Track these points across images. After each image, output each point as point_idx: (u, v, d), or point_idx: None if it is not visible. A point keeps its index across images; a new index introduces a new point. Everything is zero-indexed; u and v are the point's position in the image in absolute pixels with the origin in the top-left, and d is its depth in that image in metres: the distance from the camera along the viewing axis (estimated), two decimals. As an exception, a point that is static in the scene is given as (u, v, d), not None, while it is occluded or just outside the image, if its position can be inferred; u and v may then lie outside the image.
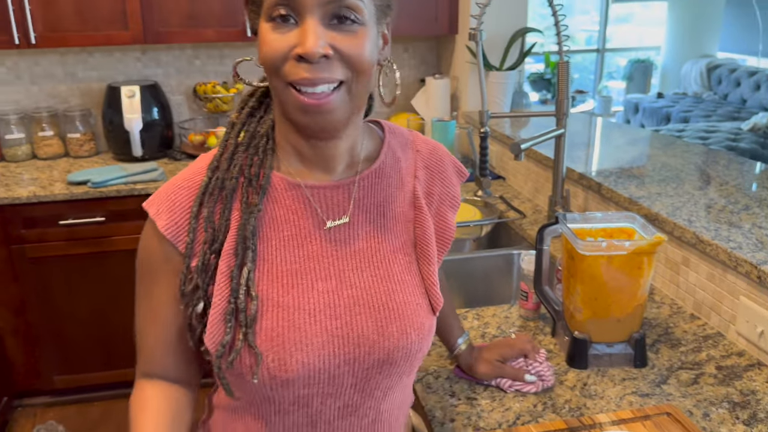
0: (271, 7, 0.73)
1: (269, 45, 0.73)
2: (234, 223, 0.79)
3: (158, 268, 0.81)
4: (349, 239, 0.83)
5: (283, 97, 0.76)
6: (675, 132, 5.32)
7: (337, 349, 0.79)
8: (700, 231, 1.36)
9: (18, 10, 2.43)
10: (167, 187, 0.81)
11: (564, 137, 1.75)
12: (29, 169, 2.67)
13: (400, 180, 0.89)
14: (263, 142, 0.82)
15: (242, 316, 0.76)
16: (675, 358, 1.23)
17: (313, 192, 0.82)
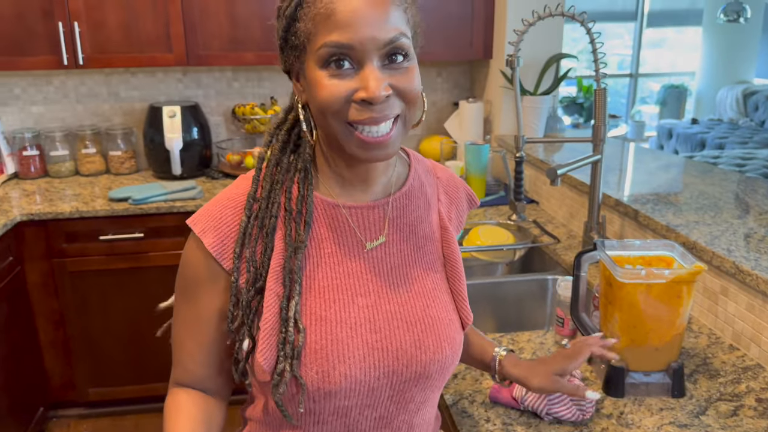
0: (327, 56, 0.75)
1: (328, 90, 0.75)
2: (278, 254, 0.81)
3: (202, 284, 0.83)
4: (386, 257, 0.87)
5: (343, 137, 0.78)
6: (710, 159, 5.25)
7: (377, 362, 0.82)
8: (740, 260, 1.35)
9: (68, 33, 2.53)
10: (212, 206, 0.83)
11: (601, 163, 1.75)
12: (72, 185, 2.75)
13: (427, 202, 0.94)
14: (302, 175, 0.84)
15: (289, 348, 0.78)
16: (714, 389, 1.22)
17: (351, 212, 0.86)
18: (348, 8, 0.73)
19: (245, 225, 0.80)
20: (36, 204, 2.47)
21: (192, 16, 2.60)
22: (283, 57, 0.82)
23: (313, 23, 0.75)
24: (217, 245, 0.81)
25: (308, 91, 0.79)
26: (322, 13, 0.74)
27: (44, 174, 2.89)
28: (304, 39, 0.77)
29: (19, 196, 2.60)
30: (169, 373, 0.95)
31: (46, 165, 2.88)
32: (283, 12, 0.79)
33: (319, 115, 0.79)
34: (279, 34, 0.81)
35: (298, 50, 0.79)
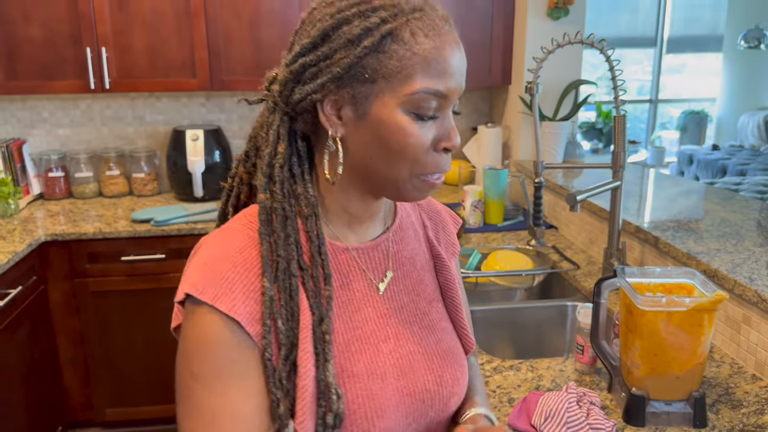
0: (420, 102, 0.70)
1: (416, 138, 0.71)
2: (305, 317, 0.72)
3: (235, 361, 0.69)
4: (395, 295, 0.84)
5: (403, 180, 0.74)
6: (731, 185, 5.20)
7: (407, 408, 0.79)
8: (762, 289, 1.34)
9: (96, 58, 2.60)
10: (217, 265, 0.70)
11: (620, 189, 1.75)
12: (95, 206, 2.80)
13: (416, 231, 0.91)
14: (311, 222, 0.75)
15: (330, 418, 0.70)
16: (736, 420, 1.20)
17: (359, 253, 0.81)
18: (451, 56, 0.71)
19: (270, 293, 0.69)
20: (60, 224, 2.52)
21: (216, 41, 2.66)
22: (315, 83, 0.71)
23: (408, 62, 0.69)
24: (240, 310, 0.68)
25: (374, 132, 0.71)
26: (425, 56, 0.69)
27: (69, 195, 2.95)
28: (385, 75, 0.69)
29: (43, 216, 2.64)
30: None
31: (71, 186, 2.93)
32: (356, 38, 0.69)
33: (384, 158, 0.72)
34: (332, 58, 0.70)
35: (361, 83, 0.70)
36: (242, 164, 0.82)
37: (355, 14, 0.70)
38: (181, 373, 0.70)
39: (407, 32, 0.69)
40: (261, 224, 0.72)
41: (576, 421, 1.13)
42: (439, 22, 0.71)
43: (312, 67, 0.71)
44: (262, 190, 0.74)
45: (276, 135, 0.75)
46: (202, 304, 0.69)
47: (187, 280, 0.71)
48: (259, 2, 2.66)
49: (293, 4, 2.68)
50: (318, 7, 0.74)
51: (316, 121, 0.74)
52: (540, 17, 2.72)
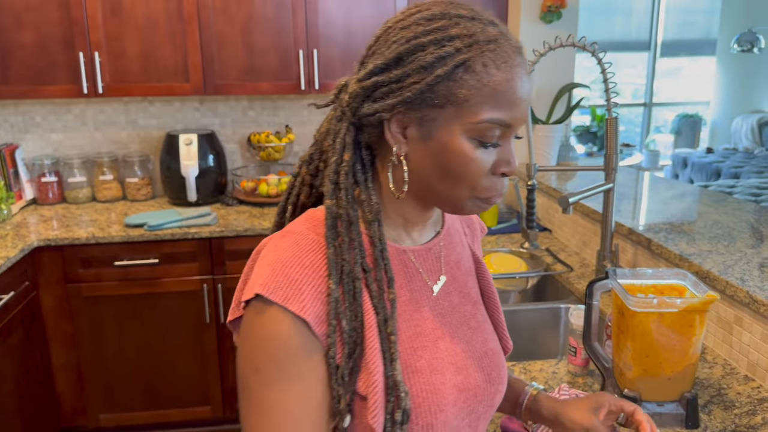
0: (486, 131, 0.72)
1: (477, 164, 0.73)
2: (369, 317, 0.75)
3: (300, 359, 0.71)
4: (447, 296, 0.87)
5: (462, 199, 0.76)
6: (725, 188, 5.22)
7: (463, 403, 0.81)
8: (754, 290, 1.34)
9: (89, 62, 2.59)
10: (285, 269, 0.72)
11: (613, 192, 1.75)
12: (89, 211, 2.79)
13: (460, 237, 0.94)
14: (375, 227, 0.78)
15: (399, 414, 0.73)
16: (728, 421, 1.20)
17: (415, 255, 0.84)
18: (520, 89, 0.72)
19: (335, 294, 0.72)
20: (53, 230, 2.51)
21: (210, 46, 2.66)
22: (384, 102, 0.74)
23: (478, 93, 0.71)
24: (309, 311, 0.71)
25: (436, 154, 0.74)
26: (494, 87, 0.71)
27: (62, 200, 2.94)
28: (453, 102, 0.71)
29: (36, 221, 2.63)
30: (181, 399, 0.89)
31: (64, 191, 2.93)
32: (429, 65, 0.71)
33: (445, 179, 0.75)
34: (404, 81, 0.72)
35: (429, 107, 0.72)
36: (305, 165, 0.85)
37: (431, 41, 0.72)
38: (243, 369, 0.73)
39: (480, 64, 0.71)
40: (327, 229, 0.75)
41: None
42: (512, 54, 0.73)
43: (383, 87, 0.74)
44: (329, 197, 0.77)
45: (342, 144, 0.78)
46: (272, 305, 0.71)
47: (257, 280, 0.72)
48: (252, 8, 2.67)
49: (286, 10, 2.68)
50: (393, 27, 0.76)
51: (381, 135, 0.77)
52: (533, 21, 2.73)
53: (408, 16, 0.75)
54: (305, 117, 3.14)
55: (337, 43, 2.75)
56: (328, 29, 2.73)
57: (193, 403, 2.67)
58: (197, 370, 2.65)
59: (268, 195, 2.86)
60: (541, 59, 1.71)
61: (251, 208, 2.84)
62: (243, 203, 2.90)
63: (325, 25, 2.72)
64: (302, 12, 2.70)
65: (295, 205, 0.86)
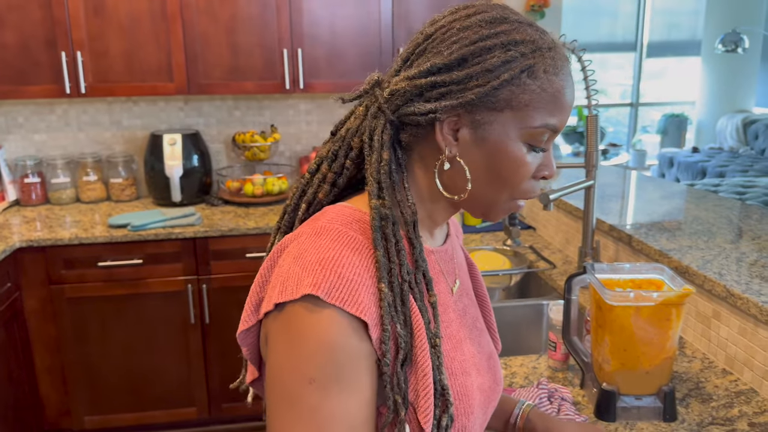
0: (540, 136, 0.74)
1: (527, 168, 0.75)
2: (416, 321, 0.72)
3: (357, 363, 0.67)
4: (460, 298, 0.87)
5: (498, 201, 0.77)
6: (711, 187, 5.26)
7: (483, 404, 0.81)
8: (731, 284, 1.35)
9: (71, 62, 2.58)
10: (339, 269, 0.68)
11: (593, 189, 1.76)
12: (72, 212, 2.77)
13: (458, 239, 0.95)
14: (411, 229, 0.75)
15: (445, 419, 0.72)
16: (706, 413, 1.21)
17: (439, 257, 0.83)
18: (572, 96, 0.75)
19: (389, 298, 0.69)
20: (36, 231, 2.49)
21: (193, 45, 2.65)
22: (441, 102, 0.72)
23: (538, 98, 0.72)
24: (367, 313, 0.67)
25: (489, 157, 0.74)
26: (553, 93, 0.72)
27: (45, 201, 2.92)
28: (513, 106, 0.72)
29: (19, 222, 2.62)
30: (166, 400, 0.85)
31: (47, 192, 2.91)
32: (495, 68, 0.71)
33: (492, 182, 0.75)
34: (466, 84, 0.71)
35: (488, 110, 0.72)
36: (327, 162, 0.80)
37: (497, 45, 0.71)
38: (290, 377, 0.66)
39: (542, 70, 0.72)
40: (375, 230, 0.72)
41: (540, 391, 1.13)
42: (565, 62, 0.74)
43: (442, 87, 0.72)
44: (374, 196, 0.73)
45: (380, 141, 0.75)
46: (327, 306, 0.66)
47: (303, 280, 0.67)
48: (236, 7, 2.66)
49: (270, 9, 2.68)
50: (450, 27, 0.74)
51: (426, 136, 0.75)
52: (516, 20, 2.74)
53: (466, 17, 0.74)
54: (290, 116, 3.13)
55: (322, 43, 2.75)
56: (313, 29, 2.73)
57: (179, 405, 2.66)
58: (182, 371, 2.63)
59: (254, 195, 2.86)
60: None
61: (236, 208, 2.83)
62: (228, 203, 2.89)
63: (310, 24, 2.72)
64: (286, 11, 2.69)
65: (310, 203, 0.81)
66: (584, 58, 1.72)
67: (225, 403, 2.70)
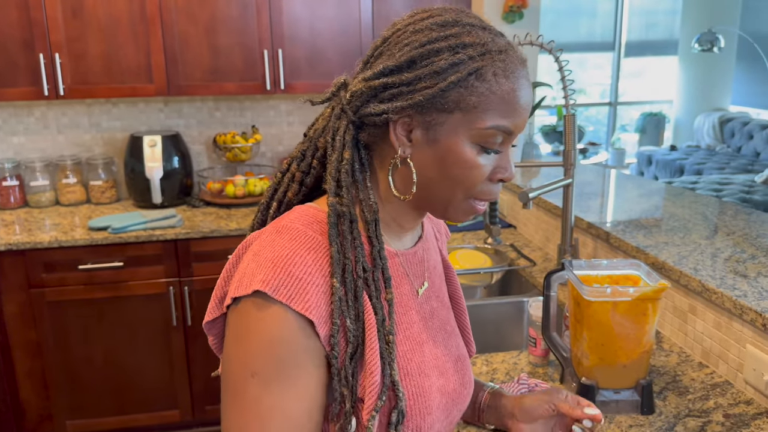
0: (490, 137, 0.74)
1: (480, 170, 0.75)
2: (368, 317, 0.74)
3: (301, 360, 0.69)
4: (428, 301, 0.88)
5: (455, 204, 0.78)
6: (688, 184, 5.34)
7: (444, 406, 0.82)
8: (706, 279, 1.38)
9: (49, 64, 2.56)
10: (288, 267, 0.70)
11: (572, 187, 1.78)
12: (52, 215, 2.75)
13: (433, 242, 0.96)
14: (372, 228, 0.77)
15: (395, 415, 0.74)
16: (682, 406, 1.23)
17: (404, 259, 0.84)
18: (525, 98, 0.75)
19: (339, 293, 0.71)
20: (15, 234, 2.47)
21: (173, 46, 2.64)
22: (393, 104, 0.73)
23: (486, 100, 0.72)
24: (313, 311, 0.69)
25: (440, 158, 0.75)
26: (502, 96, 0.73)
27: (24, 204, 2.89)
28: (462, 108, 0.72)
29: (-3, 226, 2.59)
30: (149, 403, 0.87)
31: (26, 195, 2.88)
32: (443, 70, 0.71)
33: (445, 182, 0.76)
34: (415, 85, 0.73)
35: (438, 112, 0.73)
36: (296, 162, 0.83)
37: (446, 48, 0.72)
38: (235, 370, 0.70)
39: (491, 72, 0.72)
40: (330, 226, 0.74)
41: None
42: (518, 65, 0.75)
43: (393, 89, 0.74)
44: (332, 194, 0.76)
45: (342, 141, 0.77)
46: (274, 303, 0.68)
47: (254, 275, 0.69)
48: (215, 8, 2.65)
49: (250, 10, 2.68)
50: (405, 30, 0.76)
51: (383, 136, 0.77)
52: (495, 21, 2.76)
53: (420, 20, 0.76)
54: (271, 117, 3.13)
55: (303, 43, 2.76)
56: (293, 29, 2.73)
57: (162, 407, 2.64)
58: (165, 373, 2.62)
59: (235, 196, 2.85)
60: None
61: (218, 210, 2.82)
62: (210, 205, 2.88)
63: (290, 24, 2.73)
64: (266, 12, 2.69)
65: (281, 201, 0.84)
66: (563, 58, 1.74)
67: (208, 405, 2.69)
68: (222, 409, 0.72)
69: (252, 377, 0.68)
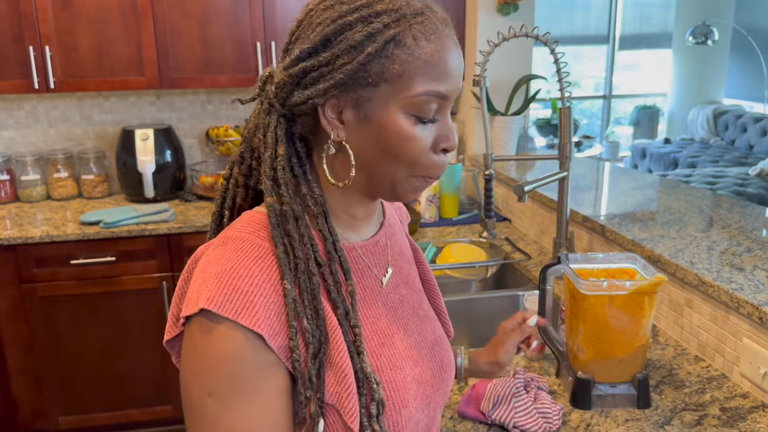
0: (422, 105, 0.70)
1: (418, 142, 0.72)
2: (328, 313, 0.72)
3: (255, 375, 0.67)
4: (396, 289, 0.85)
5: (402, 181, 0.74)
6: (682, 177, 5.34)
7: (422, 395, 0.80)
8: (702, 273, 1.38)
9: (39, 57, 2.53)
10: (234, 280, 0.67)
11: (567, 180, 1.77)
12: (43, 210, 2.72)
13: (399, 226, 0.94)
14: (322, 221, 0.75)
15: (374, 407, 0.72)
16: (679, 400, 1.23)
17: (364, 250, 0.82)
18: (451, 59, 0.71)
19: (293, 294, 0.68)
20: (6, 229, 2.44)
21: (164, 39, 2.62)
22: (316, 87, 0.71)
23: (410, 66, 0.69)
24: (263, 324, 0.66)
25: (375, 135, 0.72)
26: (426, 59, 0.69)
27: (15, 199, 2.86)
28: (387, 79, 0.69)
29: (-12, 221, 2.56)
30: (142, 399, 0.85)
31: (17, 190, 2.85)
32: (358, 43, 0.69)
33: (385, 161, 0.73)
34: (334, 63, 0.70)
35: (363, 87, 0.70)
36: (237, 166, 0.80)
37: (358, 19, 0.69)
38: (192, 390, 0.68)
39: (410, 37, 0.69)
40: (273, 228, 0.71)
41: (523, 406, 1.15)
42: (439, 25, 0.71)
43: (313, 72, 0.71)
44: (269, 194, 0.73)
45: (274, 137, 0.74)
46: (221, 320, 0.65)
47: (200, 293, 0.67)
48: (207, 1, 2.63)
49: (243, 2, 2.65)
50: (316, 9, 0.73)
51: (316, 124, 0.74)
52: (490, 13, 2.75)
53: None
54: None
55: (296, 36, 2.73)
56: (286, 22, 2.71)
57: (155, 403, 2.63)
58: (158, 369, 2.61)
59: (229, 190, 2.83)
60: (498, 51, 1.72)
61: (211, 204, 2.80)
62: (202, 199, 2.86)
63: (283, 17, 2.70)
64: (259, 4, 2.67)
65: (232, 209, 0.81)
66: (558, 51, 1.73)
67: (202, 400, 2.68)
68: (187, 428, 0.70)
69: (209, 396, 0.66)
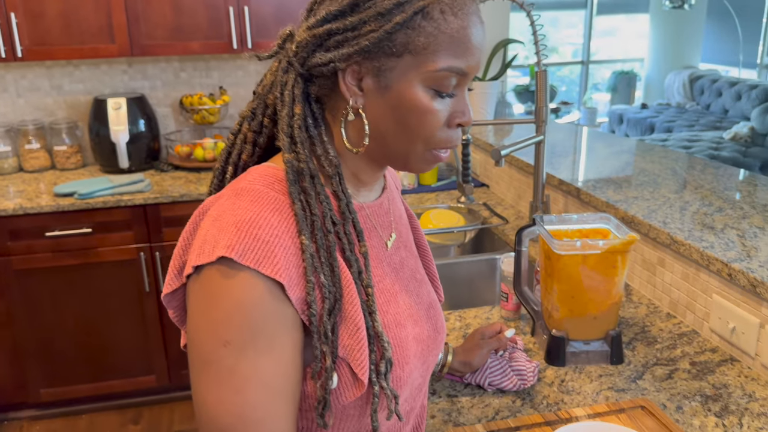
0: (443, 80, 0.71)
1: (436, 115, 0.72)
2: (343, 270, 0.73)
3: (275, 324, 0.67)
4: (397, 251, 0.86)
5: (415, 153, 0.75)
6: (659, 141, 5.39)
7: (420, 354, 0.82)
8: (675, 232, 1.40)
9: (5, 24, 2.46)
10: (254, 230, 0.67)
11: (543, 144, 1.78)
12: (16, 182, 2.68)
13: (397, 192, 0.95)
14: (336, 181, 0.75)
15: (383, 365, 0.73)
16: (650, 355, 1.26)
17: (371, 212, 0.82)
18: (475, 35, 0.71)
19: (310, 250, 0.69)
20: (-23, 201, 2.40)
21: (134, 4, 2.56)
22: (339, 51, 0.70)
23: (435, 40, 0.69)
24: (283, 274, 0.66)
25: (393, 106, 0.72)
26: (452, 35, 0.69)
27: (-14, 171, 2.81)
28: (411, 50, 0.69)
29: (-41, 194, 2.52)
30: (125, 369, 0.83)
31: (-12, 162, 2.80)
32: (387, 11, 0.68)
33: (402, 132, 0.73)
34: (360, 29, 0.69)
35: (387, 56, 0.70)
36: (247, 122, 0.80)
37: None
38: (205, 341, 0.66)
39: (437, 11, 0.69)
40: (290, 184, 0.71)
41: (498, 366, 1.17)
42: (468, 1, 0.71)
43: (338, 35, 0.70)
44: (287, 151, 0.72)
45: (291, 95, 0.74)
46: (242, 269, 0.65)
47: (219, 242, 0.66)
48: (178, -37, 2.56)
49: (214, -35, 2.59)
50: None
51: (333, 87, 0.73)
52: (466, -24, 2.72)
53: None
54: (240, 78, 3.07)
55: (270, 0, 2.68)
56: (259, -14, 2.66)
57: (138, 373, 2.63)
58: (140, 339, 2.61)
59: (205, 159, 2.80)
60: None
61: (187, 174, 2.78)
62: (178, 168, 2.83)
63: (256, -18, 2.65)
64: (234, -31, 2.61)
65: (236, 165, 0.81)
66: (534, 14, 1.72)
67: (184, 370, 2.69)
68: (193, 381, 0.68)
69: (224, 346, 0.65)
